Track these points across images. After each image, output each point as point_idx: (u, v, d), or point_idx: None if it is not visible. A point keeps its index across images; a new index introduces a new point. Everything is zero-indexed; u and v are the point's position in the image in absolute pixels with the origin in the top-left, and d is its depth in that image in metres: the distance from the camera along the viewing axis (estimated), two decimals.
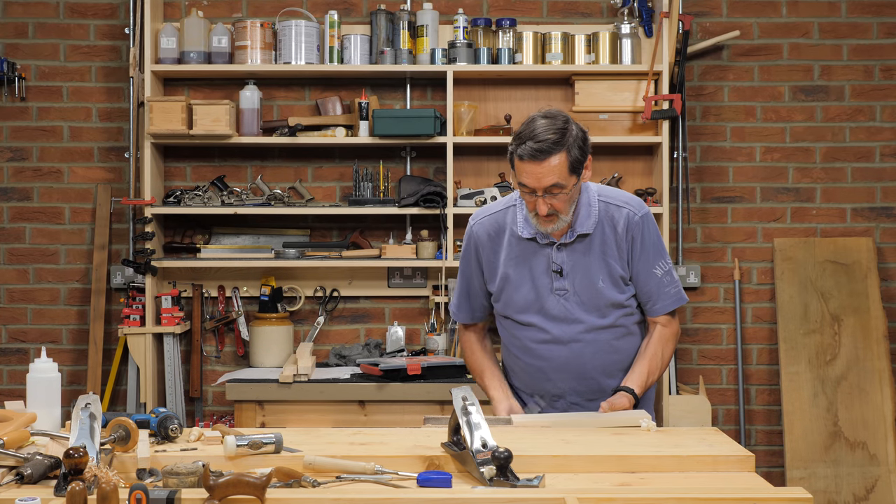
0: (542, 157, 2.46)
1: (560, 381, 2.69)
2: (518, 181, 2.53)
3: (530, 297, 2.67)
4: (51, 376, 2.26)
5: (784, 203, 4.63)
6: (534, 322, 2.68)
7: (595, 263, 2.64)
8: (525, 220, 2.65)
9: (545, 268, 2.65)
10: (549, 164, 2.47)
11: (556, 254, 2.64)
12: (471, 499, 1.80)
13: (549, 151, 2.46)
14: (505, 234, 2.69)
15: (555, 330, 2.66)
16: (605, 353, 2.68)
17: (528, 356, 2.71)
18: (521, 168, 2.50)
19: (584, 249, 2.64)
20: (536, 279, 2.66)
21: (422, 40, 4.38)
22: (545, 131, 2.47)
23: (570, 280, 2.64)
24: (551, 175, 2.48)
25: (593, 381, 2.68)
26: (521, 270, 2.67)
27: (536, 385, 2.73)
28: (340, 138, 4.38)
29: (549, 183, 2.48)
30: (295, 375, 3.97)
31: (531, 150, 2.46)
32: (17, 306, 4.61)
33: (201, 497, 1.72)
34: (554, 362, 2.68)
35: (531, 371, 2.72)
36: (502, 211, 2.72)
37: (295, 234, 4.56)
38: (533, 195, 2.52)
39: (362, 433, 2.30)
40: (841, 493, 4.38)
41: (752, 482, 1.95)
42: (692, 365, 4.63)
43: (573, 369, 2.67)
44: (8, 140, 4.58)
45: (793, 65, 4.62)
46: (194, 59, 4.36)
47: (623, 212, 2.65)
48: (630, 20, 4.42)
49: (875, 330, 4.49)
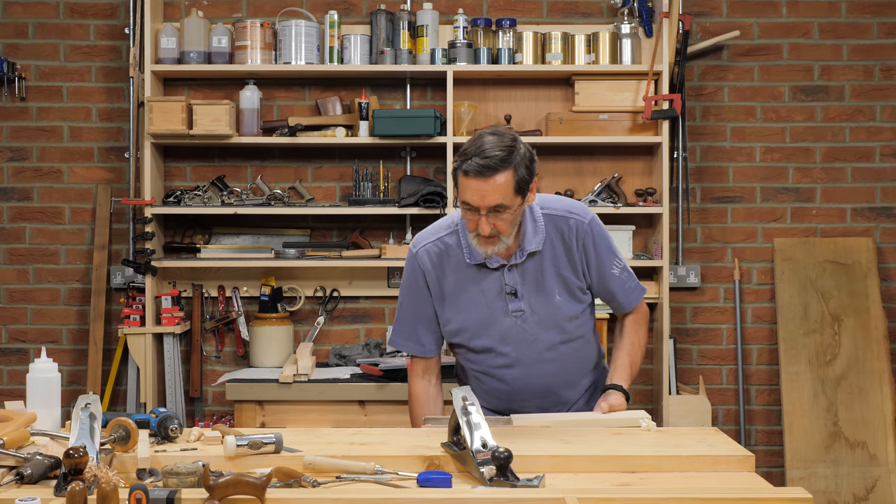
0: (488, 174, 2.36)
1: (523, 399, 2.66)
2: (461, 199, 2.42)
3: (485, 323, 2.58)
4: (51, 376, 2.26)
5: (784, 203, 4.63)
6: (491, 347, 2.61)
7: (549, 279, 2.57)
8: (470, 246, 2.54)
9: (498, 291, 2.57)
10: (494, 182, 2.37)
11: (508, 275, 2.55)
12: (471, 499, 1.80)
13: (496, 168, 2.37)
14: (451, 260, 2.59)
15: (514, 353, 2.60)
16: (567, 368, 2.65)
17: (490, 379, 2.66)
18: (466, 185, 2.39)
19: (536, 267, 2.57)
20: (490, 304, 2.57)
21: (422, 40, 4.38)
22: (492, 147, 2.38)
23: (527, 301, 2.57)
24: (496, 194, 2.38)
25: (557, 397, 2.67)
26: (472, 296, 2.58)
27: (499, 403, 2.68)
28: (340, 138, 4.38)
29: (493, 202, 2.38)
30: (295, 375, 3.97)
31: (477, 166, 2.36)
32: (17, 306, 4.61)
33: (201, 497, 1.72)
34: (516, 384, 2.63)
35: (492, 392, 2.67)
36: (446, 235, 2.61)
37: (295, 234, 4.56)
38: (475, 214, 2.42)
39: (362, 433, 2.30)
40: (841, 493, 4.38)
41: (752, 482, 1.95)
42: (692, 365, 4.63)
43: (537, 388, 2.64)
44: (8, 140, 4.58)
45: (793, 65, 4.62)
46: (194, 59, 4.36)
47: (570, 221, 2.58)
48: (630, 20, 4.42)
49: (875, 330, 4.49)
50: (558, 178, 4.54)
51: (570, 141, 4.37)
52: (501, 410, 2.68)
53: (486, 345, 2.61)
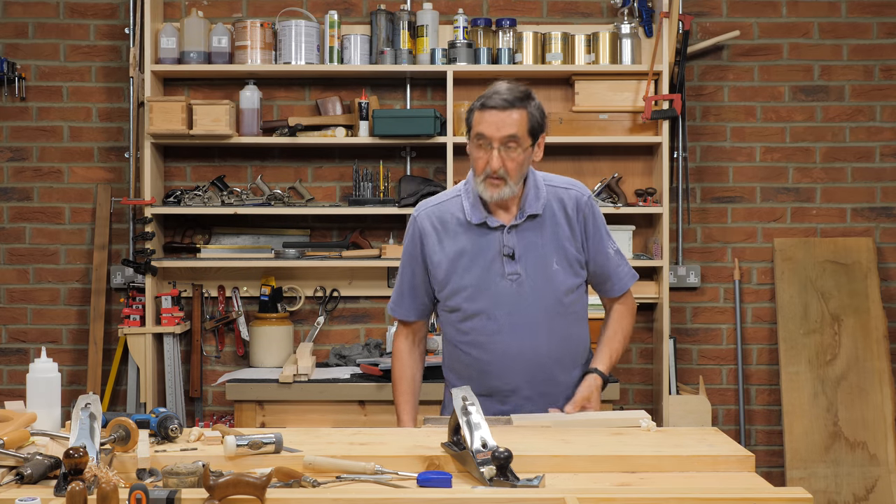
0: (506, 107, 2.48)
1: (512, 375, 2.60)
2: (476, 132, 2.51)
3: (480, 284, 2.58)
4: (51, 376, 2.26)
5: (784, 203, 4.63)
6: (483, 310, 2.59)
7: (548, 246, 2.60)
8: (473, 206, 2.60)
9: (496, 252, 2.58)
10: (510, 115, 2.48)
11: (507, 237, 2.58)
12: (471, 499, 1.80)
13: (513, 104, 2.49)
14: (451, 223, 2.63)
15: (506, 318, 2.58)
16: (559, 341, 2.62)
17: (477, 350, 2.62)
18: (482, 118, 2.50)
19: (535, 232, 2.60)
20: (487, 265, 2.58)
21: (422, 40, 4.38)
22: (510, 89, 2.51)
23: (523, 264, 2.58)
24: (511, 126, 2.48)
25: (547, 374, 2.61)
26: (470, 257, 2.60)
27: (486, 383, 2.61)
28: (340, 138, 4.38)
29: (508, 132, 2.48)
30: (295, 375, 3.97)
31: (496, 100, 2.48)
32: (17, 306, 4.61)
33: (201, 497, 1.72)
34: (506, 355, 2.59)
35: (480, 367, 2.62)
36: (448, 201, 2.67)
37: (295, 234, 4.56)
38: (488, 147, 2.49)
39: (362, 433, 2.30)
40: (841, 493, 4.38)
41: (752, 482, 1.95)
42: (692, 365, 4.63)
43: (527, 360, 2.59)
44: (8, 140, 4.59)
45: (793, 65, 4.62)
46: (194, 59, 4.36)
47: (571, 193, 2.64)
48: (630, 20, 4.42)
49: (875, 330, 4.49)
50: None
51: (570, 141, 4.37)
52: (490, 394, 2.61)
53: (479, 308, 2.59)
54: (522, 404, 2.62)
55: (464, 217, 2.61)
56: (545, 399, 2.61)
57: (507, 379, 2.61)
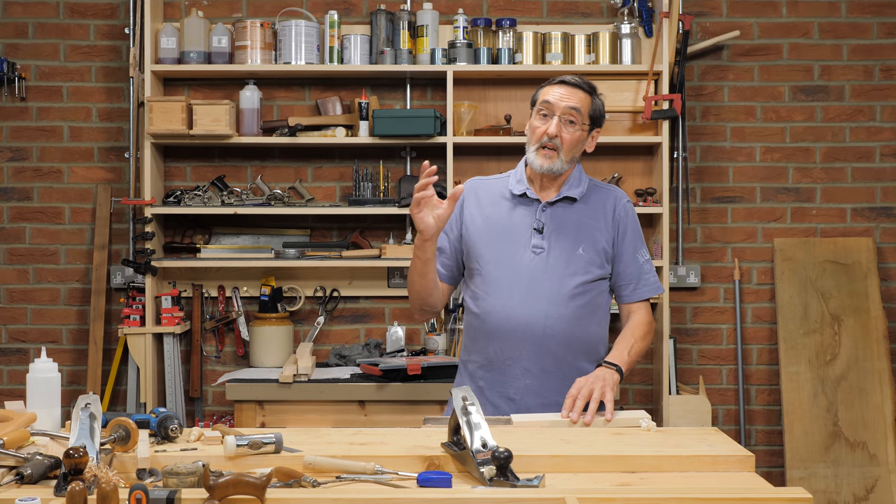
0: (575, 86, 2.65)
1: (516, 344, 2.62)
2: (542, 101, 2.64)
3: (504, 251, 2.65)
4: (51, 376, 2.26)
5: (784, 203, 4.63)
6: (502, 276, 2.64)
7: (578, 230, 2.67)
8: (518, 179, 2.72)
9: (528, 224, 2.67)
10: (577, 93, 2.64)
11: (541, 212, 2.68)
12: (471, 499, 1.80)
13: (582, 87, 2.66)
14: (494, 194, 2.74)
15: (522, 289, 2.62)
16: (568, 325, 2.62)
17: (488, 315, 2.64)
18: (549, 90, 2.65)
19: (569, 213, 2.68)
20: (515, 234, 2.67)
21: (422, 40, 4.38)
22: (581, 77, 2.69)
23: (549, 240, 2.65)
24: (576, 100, 2.63)
25: (552, 352, 2.62)
26: (502, 224, 2.69)
27: (489, 349, 2.64)
28: (340, 138, 4.38)
29: (571, 104, 2.62)
30: (295, 375, 3.97)
31: (567, 78, 2.67)
32: (17, 306, 4.61)
33: (201, 497, 1.72)
34: (514, 322, 2.60)
35: (487, 331, 2.65)
36: (497, 179, 2.81)
37: (295, 234, 4.56)
38: (550, 117, 2.62)
39: (362, 433, 2.30)
40: (841, 493, 4.38)
41: (752, 482, 1.95)
42: (692, 365, 4.63)
43: (534, 332, 2.60)
44: (8, 140, 4.59)
45: (793, 65, 4.62)
46: (194, 59, 4.36)
47: (612, 194, 2.75)
48: (630, 20, 4.42)
49: (875, 330, 4.49)
50: None
51: None
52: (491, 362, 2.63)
53: (499, 273, 2.65)
54: (520, 376, 2.62)
55: (506, 190, 2.73)
56: (549, 378, 2.60)
57: (510, 348, 2.63)
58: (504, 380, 2.65)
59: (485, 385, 2.68)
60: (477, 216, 2.72)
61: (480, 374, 2.69)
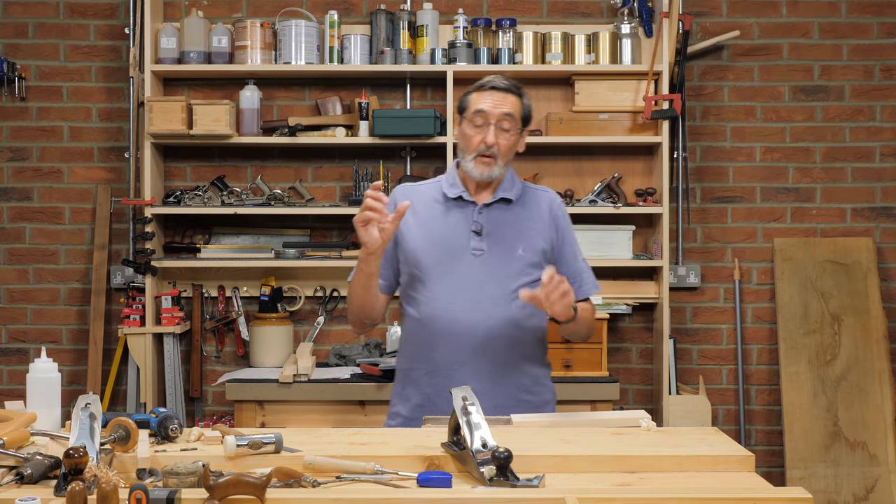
0: (506, 90, 2.64)
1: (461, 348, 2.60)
2: (474, 110, 2.62)
3: (443, 255, 2.63)
4: (51, 376, 2.26)
5: (784, 203, 4.63)
6: (442, 281, 2.61)
7: (517, 231, 2.66)
8: (451, 183, 2.70)
9: (465, 227, 2.66)
10: (509, 98, 2.64)
11: (478, 214, 2.67)
12: (471, 499, 1.80)
13: (512, 90, 2.66)
14: (427, 199, 2.72)
15: (463, 292, 2.60)
16: (511, 327, 2.61)
17: (431, 320, 2.61)
18: (481, 97, 2.64)
19: (505, 215, 2.68)
20: (453, 237, 2.65)
21: (422, 40, 4.38)
22: (507, 79, 2.68)
23: (489, 242, 2.64)
24: (509, 106, 2.63)
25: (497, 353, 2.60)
26: (439, 228, 2.66)
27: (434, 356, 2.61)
28: (340, 138, 4.38)
29: (505, 110, 2.62)
30: (295, 375, 3.97)
31: (496, 82, 2.64)
32: (17, 306, 4.61)
33: (201, 497, 1.72)
34: (458, 326, 2.59)
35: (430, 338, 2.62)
36: (427, 184, 2.79)
37: (295, 234, 4.56)
38: (484, 127, 2.61)
39: (362, 433, 2.30)
40: (841, 493, 4.38)
41: (752, 482, 1.95)
42: (692, 365, 4.63)
43: (479, 334, 2.59)
44: (8, 140, 4.59)
45: (793, 65, 4.62)
46: (194, 59, 4.36)
47: (546, 195, 2.77)
48: (630, 20, 4.42)
49: (875, 330, 4.49)
50: (558, 178, 4.54)
51: (570, 141, 4.37)
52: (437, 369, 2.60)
53: (439, 277, 2.61)
54: (469, 380, 2.55)
55: (439, 194, 2.71)
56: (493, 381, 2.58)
57: (454, 352, 2.60)
58: (450, 384, 2.54)
59: (432, 392, 2.64)
60: (412, 222, 2.68)
61: (426, 381, 2.65)
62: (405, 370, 2.73)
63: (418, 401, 2.67)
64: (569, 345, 4.06)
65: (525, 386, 2.68)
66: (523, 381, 2.67)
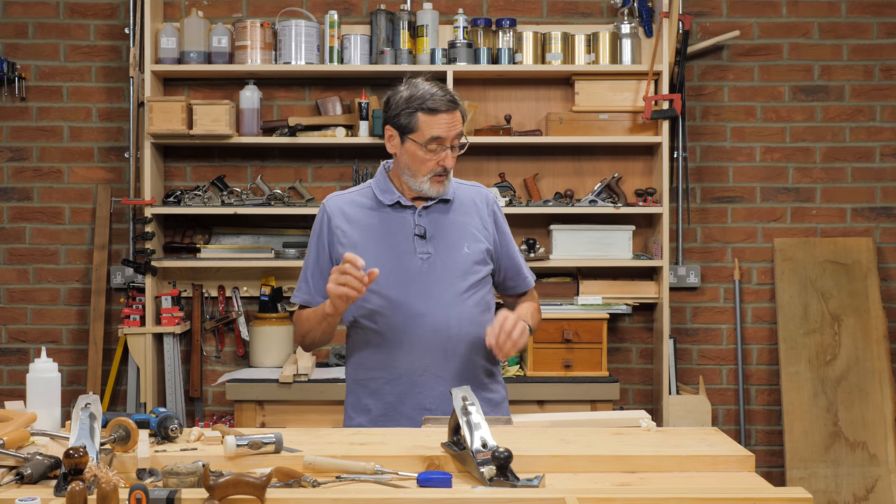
0: (454, 108, 2.55)
1: (423, 353, 2.56)
2: (430, 136, 2.52)
3: (390, 262, 2.56)
4: (51, 376, 2.26)
5: (784, 203, 4.63)
6: (393, 288, 2.56)
7: (459, 229, 2.63)
8: (384, 191, 2.63)
9: (408, 232, 2.60)
10: (456, 115, 2.56)
11: (419, 218, 2.61)
12: (471, 499, 1.80)
13: (456, 102, 2.56)
14: (360, 207, 2.64)
15: (417, 297, 2.56)
16: (469, 325, 2.60)
17: (387, 330, 2.57)
18: (434, 121, 2.52)
19: (446, 215, 2.64)
20: (397, 244, 2.59)
21: (422, 40, 4.38)
22: (441, 88, 2.57)
23: (434, 244, 2.60)
24: (459, 123, 2.56)
25: (459, 353, 2.58)
26: (380, 236, 2.60)
27: (396, 364, 2.57)
28: (340, 138, 4.38)
29: (457, 131, 2.55)
30: (295, 375, 3.97)
31: (446, 102, 2.53)
32: (17, 306, 4.61)
33: (201, 497, 1.72)
34: (417, 332, 2.55)
35: (390, 347, 2.57)
36: (357, 191, 2.69)
37: (295, 234, 4.56)
38: (441, 151, 2.54)
39: (362, 433, 2.30)
40: (841, 493, 4.38)
41: (752, 482, 1.95)
42: (692, 365, 4.63)
43: (439, 338, 2.56)
44: (8, 140, 4.59)
45: (793, 65, 4.62)
46: (194, 59, 4.36)
47: (479, 191, 2.73)
48: (630, 20, 4.42)
49: (875, 330, 4.49)
50: (558, 178, 4.54)
51: (570, 141, 4.37)
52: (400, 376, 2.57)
53: (389, 285, 2.57)
54: (433, 384, 2.57)
55: (374, 201, 2.64)
56: (457, 381, 2.54)
57: (418, 357, 2.57)
58: (417, 391, 2.57)
59: (395, 400, 2.59)
60: (348, 232, 2.62)
61: (388, 390, 2.60)
62: (360, 381, 2.65)
63: (380, 411, 2.62)
64: (569, 344, 4.06)
65: (485, 384, 2.66)
66: (483, 379, 2.65)
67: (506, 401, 2.76)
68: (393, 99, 2.58)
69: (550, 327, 4.08)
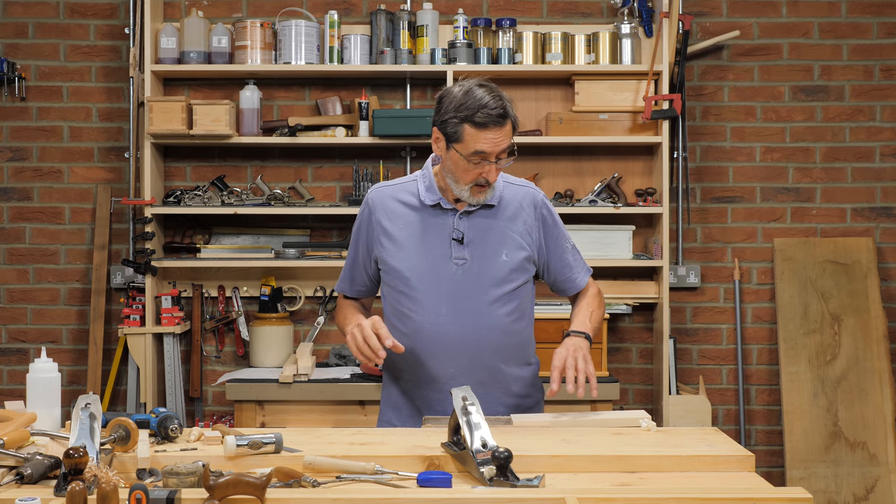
0: (504, 122, 2.43)
1: (449, 361, 2.54)
2: (473, 150, 2.43)
3: (425, 265, 2.54)
4: (51, 376, 2.26)
5: (784, 203, 4.63)
6: (425, 292, 2.54)
7: (499, 236, 2.56)
8: (428, 188, 2.57)
9: (446, 235, 2.55)
10: (506, 129, 2.45)
11: (459, 222, 2.55)
12: (471, 499, 1.80)
13: (507, 115, 2.44)
14: (404, 202, 2.60)
15: (448, 302, 2.53)
16: (500, 334, 2.56)
17: (416, 333, 2.55)
18: (479, 136, 2.42)
19: (487, 220, 2.56)
20: (434, 247, 2.55)
21: (422, 40, 4.38)
22: (494, 98, 2.44)
23: (471, 250, 2.54)
24: (508, 138, 2.45)
25: (486, 363, 2.55)
26: (418, 237, 2.56)
27: (422, 370, 2.56)
28: (340, 138, 4.38)
29: (505, 146, 2.45)
30: (295, 375, 3.97)
31: (493, 117, 2.42)
32: (17, 306, 4.61)
33: (201, 497, 1.72)
34: (445, 339, 2.53)
35: (417, 351, 2.55)
36: (403, 184, 2.64)
37: (295, 234, 4.56)
38: (485, 163, 2.45)
39: (362, 433, 2.30)
40: (841, 493, 4.38)
41: (752, 482, 1.95)
42: (692, 365, 4.63)
43: (466, 347, 2.53)
44: (8, 140, 4.59)
45: (793, 65, 4.63)
46: (194, 59, 4.36)
47: (528, 191, 2.63)
48: (630, 20, 4.42)
49: (875, 330, 4.49)
50: (558, 178, 4.54)
51: (570, 141, 4.37)
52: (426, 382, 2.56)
53: (422, 289, 2.54)
54: None
55: (417, 199, 2.59)
56: (485, 390, 2.49)
57: (444, 365, 2.54)
58: (441, 398, 2.54)
59: (422, 405, 2.59)
60: (389, 228, 2.59)
61: (416, 394, 2.60)
62: (392, 378, 2.66)
63: (409, 412, 2.62)
64: None
65: (515, 392, 2.63)
66: (513, 387, 2.62)
67: (539, 405, 2.70)
68: (444, 101, 2.49)
69: (550, 327, 4.07)
